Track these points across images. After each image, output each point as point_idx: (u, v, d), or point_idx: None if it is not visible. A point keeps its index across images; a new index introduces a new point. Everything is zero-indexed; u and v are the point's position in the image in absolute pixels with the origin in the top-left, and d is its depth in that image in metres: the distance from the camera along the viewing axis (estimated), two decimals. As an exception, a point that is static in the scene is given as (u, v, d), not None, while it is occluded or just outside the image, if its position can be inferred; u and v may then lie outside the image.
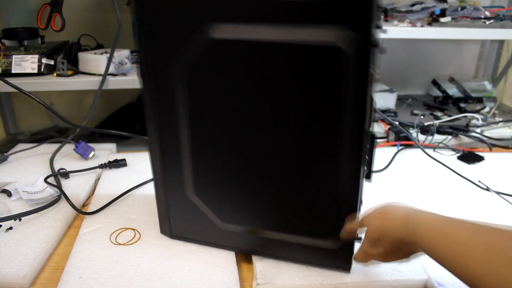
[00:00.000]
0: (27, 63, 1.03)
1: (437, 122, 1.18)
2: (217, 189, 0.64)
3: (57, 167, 0.92)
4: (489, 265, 0.42)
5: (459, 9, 1.14)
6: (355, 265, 0.64)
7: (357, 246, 0.61)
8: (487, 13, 1.15)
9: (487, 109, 1.32)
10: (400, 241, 0.53)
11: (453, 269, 0.46)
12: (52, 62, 1.05)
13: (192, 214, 0.66)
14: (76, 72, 1.06)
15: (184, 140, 0.61)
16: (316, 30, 0.49)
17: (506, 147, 1.12)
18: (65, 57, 1.09)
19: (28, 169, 0.93)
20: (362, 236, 0.60)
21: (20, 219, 0.73)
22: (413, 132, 1.12)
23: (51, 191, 0.82)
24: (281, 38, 0.50)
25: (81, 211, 0.77)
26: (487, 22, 1.13)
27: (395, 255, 0.56)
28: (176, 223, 0.69)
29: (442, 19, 1.11)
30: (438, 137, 1.13)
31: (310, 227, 0.62)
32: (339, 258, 0.62)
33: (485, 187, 0.89)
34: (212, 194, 0.64)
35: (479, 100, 1.34)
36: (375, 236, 0.56)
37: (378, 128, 1.18)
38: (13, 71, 1.02)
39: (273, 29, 0.50)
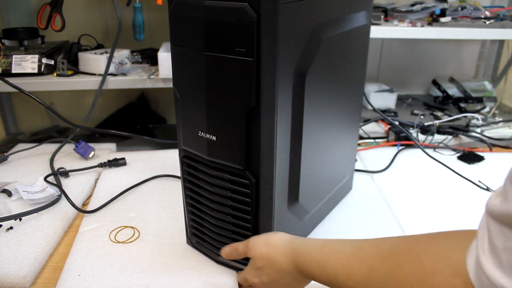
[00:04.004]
0: (27, 63, 1.03)
1: (437, 122, 1.18)
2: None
3: (57, 167, 0.92)
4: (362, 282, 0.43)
5: (459, 9, 1.14)
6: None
7: None
8: (487, 13, 1.15)
9: (487, 109, 1.32)
10: (285, 270, 0.52)
11: None
12: (52, 62, 1.05)
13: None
14: (76, 72, 1.06)
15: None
16: None
17: (506, 147, 1.12)
18: (65, 57, 1.09)
19: (28, 169, 0.93)
20: None
21: (20, 219, 0.73)
22: (413, 132, 1.12)
23: (51, 191, 0.82)
24: None
25: (81, 210, 0.77)
26: (487, 22, 1.13)
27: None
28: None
29: (442, 19, 1.11)
30: (438, 137, 1.12)
31: None
32: None
33: (485, 187, 0.89)
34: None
35: (479, 100, 1.34)
36: (259, 265, 0.54)
37: (378, 128, 1.18)
38: (13, 71, 1.02)
39: None
